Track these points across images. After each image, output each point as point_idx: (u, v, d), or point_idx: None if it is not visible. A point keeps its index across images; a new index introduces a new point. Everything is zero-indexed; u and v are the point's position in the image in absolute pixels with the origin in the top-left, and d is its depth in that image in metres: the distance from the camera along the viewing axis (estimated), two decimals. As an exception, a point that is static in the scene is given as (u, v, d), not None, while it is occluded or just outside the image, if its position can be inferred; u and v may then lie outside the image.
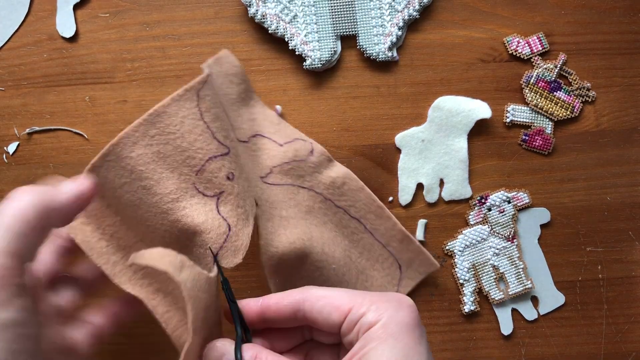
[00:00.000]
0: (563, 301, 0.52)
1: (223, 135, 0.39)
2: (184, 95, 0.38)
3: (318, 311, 0.36)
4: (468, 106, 0.50)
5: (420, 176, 0.51)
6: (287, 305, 0.36)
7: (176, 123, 0.37)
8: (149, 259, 0.33)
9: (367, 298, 0.35)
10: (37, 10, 0.51)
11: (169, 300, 0.38)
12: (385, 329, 0.33)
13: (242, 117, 0.46)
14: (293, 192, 0.46)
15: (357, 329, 0.34)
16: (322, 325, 0.36)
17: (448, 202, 0.51)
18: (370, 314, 0.34)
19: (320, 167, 0.48)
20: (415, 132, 0.51)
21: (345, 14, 0.51)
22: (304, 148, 0.47)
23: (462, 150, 0.51)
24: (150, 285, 0.38)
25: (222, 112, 0.41)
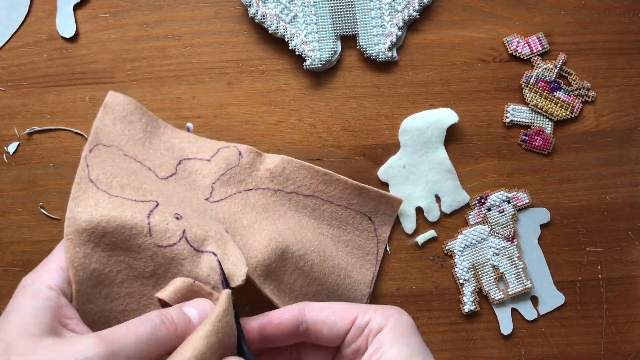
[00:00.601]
0: (563, 301, 0.52)
1: (141, 195, 0.38)
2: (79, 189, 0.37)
3: (323, 321, 0.37)
4: (433, 118, 0.50)
5: (415, 200, 0.51)
6: (288, 319, 0.37)
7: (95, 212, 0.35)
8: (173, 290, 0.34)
9: (369, 307, 0.37)
10: (37, 10, 0.51)
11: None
12: (395, 330, 0.36)
13: (159, 150, 0.45)
14: (243, 198, 0.46)
15: (366, 334, 0.36)
16: (325, 337, 0.37)
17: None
18: (378, 319, 0.36)
19: (255, 164, 0.47)
20: (394, 162, 0.51)
21: (345, 14, 0.51)
22: (231, 154, 0.47)
23: (444, 161, 0.51)
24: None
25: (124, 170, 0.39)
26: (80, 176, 0.37)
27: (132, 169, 0.40)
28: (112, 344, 0.29)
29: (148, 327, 0.31)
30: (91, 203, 0.36)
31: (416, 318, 0.51)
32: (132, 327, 0.31)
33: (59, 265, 0.34)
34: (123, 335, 0.30)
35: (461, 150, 0.52)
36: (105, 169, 0.38)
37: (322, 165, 0.51)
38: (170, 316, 0.33)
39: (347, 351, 0.37)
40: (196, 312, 0.34)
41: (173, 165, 0.45)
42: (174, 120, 0.51)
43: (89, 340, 0.29)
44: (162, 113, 0.51)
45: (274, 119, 0.51)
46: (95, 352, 0.28)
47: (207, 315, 0.34)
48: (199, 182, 0.45)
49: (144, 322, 0.31)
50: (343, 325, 0.37)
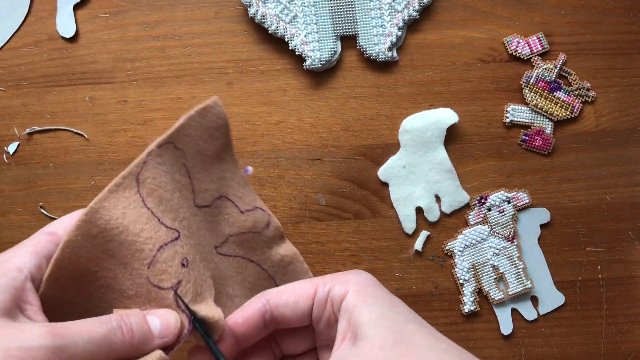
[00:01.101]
0: (563, 301, 0.52)
1: (171, 218, 0.36)
2: (121, 183, 0.35)
3: (284, 304, 0.35)
4: (433, 118, 0.50)
5: (415, 200, 0.51)
6: (252, 314, 0.35)
7: (117, 216, 0.34)
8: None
9: (326, 278, 0.35)
10: (37, 10, 0.51)
11: None
12: (359, 293, 0.33)
13: (212, 175, 0.43)
14: (242, 265, 0.45)
15: (330, 304, 0.34)
16: (291, 318, 0.35)
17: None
18: (337, 287, 0.34)
19: (272, 243, 0.46)
20: (394, 162, 0.51)
21: (345, 14, 0.51)
22: (262, 219, 0.45)
23: (444, 161, 0.51)
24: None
25: (173, 182, 0.38)
26: (131, 170, 0.36)
27: (179, 186, 0.39)
28: (62, 338, 0.28)
29: (103, 329, 0.30)
30: (120, 205, 0.35)
31: (416, 318, 0.51)
32: (86, 325, 0.30)
33: (34, 250, 0.33)
34: (75, 332, 0.29)
35: (461, 150, 0.52)
36: (158, 174, 0.37)
37: (322, 165, 0.51)
38: (130, 323, 0.32)
39: (320, 327, 0.35)
40: (159, 322, 0.33)
41: (212, 197, 0.43)
42: (174, 120, 0.51)
43: (38, 330, 0.28)
44: (162, 113, 0.51)
45: (274, 119, 0.51)
46: (41, 343, 0.27)
47: (169, 329, 0.33)
48: (220, 227, 0.44)
49: (101, 324, 0.30)
50: (304, 303, 0.35)
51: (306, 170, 0.51)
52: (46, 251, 0.33)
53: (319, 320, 0.35)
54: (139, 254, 0.35)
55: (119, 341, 0.30)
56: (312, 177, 0.51)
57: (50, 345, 0.27)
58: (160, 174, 0.37)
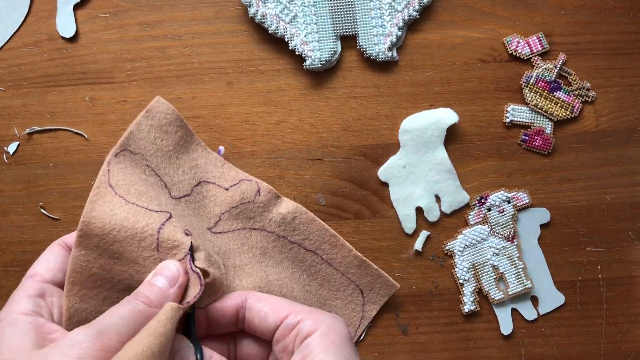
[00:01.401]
0: (563, 301, 0.52)
1: (156, 204, 0.38)
2: (98, 193, 0.37)
3: (257, 311, 0.37)
4: (433, 118, 0.50)
5: (415, 200, 0.51)
6: (229, 304, 0.37)
7: (109, 219, 0.36)
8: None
9: (304, 308, 0.36)
10: (37, 10, 0.51)
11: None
12: (325, 337, 0.34)
13: (182, 167, 0.44)
14: (245, 236, 0.45)
15: (294, 335, 0.35)
16: (256, 326, 0.37)
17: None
18: (308, 322, 0.35)
19: (269, 205, 0.47)
20: (394, 162, 0.51)
21: (345, 14, 0.51)
22: (250, 189, 0.46)
23: (444, 161, 0.51)
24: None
25: (143, 180, 0.40)
26: (100, 180, 0.38)
27: (149, 182, 0.41)
28: (97, 326, 0.31)
29: (128, 306, 0.33)
30: (107, 209, 0.36)
31: (416, 318, 0.51)
32: (113, 310, 0.33)
33: (26, 294, 0.35)
34: (106, 317, 0.32)
35: (461, 150, 0.52)
36: (125, 176, 0.39)
37: (322, 165, 0.51)
38: (142, 293, 0.34)
39: (277, 349, 0.36)
40: (164, 279, 0.35)
41: (190, 186, 0.44)
42: (174, 120, 0.51)
43: (76, 330, 0.31)
44: (162, 113, 0.51)
45: (274, 119, 0.51)
46: (85, 335, 0.30)
47: (172, 275, 0.35)
48: (208, 209, 0.45)
49: (122, 304, 0.33)
50: (272, 320, 0.36)
51: (306, 170, 0.51)
52: (37, 291, 0.35)
53: (277, 342, 0.36)
54: (144, 242, 0.36)
55: (143, 308, 0.33)
56: (312, 177, 0.51)
57: (94, 332, 0.30)
58: (127, 176, 0.39)
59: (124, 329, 0.32)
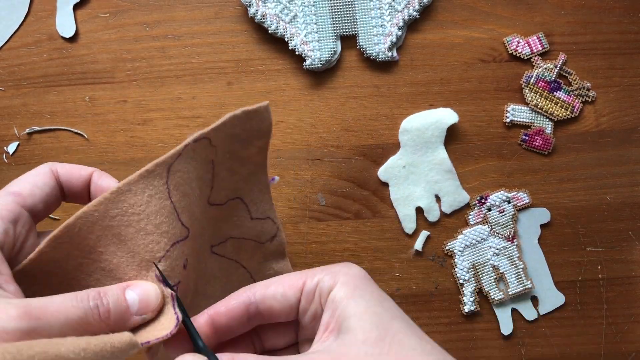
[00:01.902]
0: (563, 301, 0.52)
1: (187, 215, 0.36)
2: (153, 171, 0.34)
3: (271, 296, 0.34)
4: (433, 118, 0.50)
5: (415, 201, 0.51)
6: (236, 304, 0.34)
7: (141, 203, 0.33)
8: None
9: (316, 269, 0.34)
10: (37, 10, 0.51)
11: None
12: (347, 285, 0.32)
13: (235, 176, 0.41)
14: (232, 268, 0.43)
15: (318, 296, 0.33)
16: (278, 311, 0.34)
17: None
18: (326, 278, 0.33)
19: (270, 257, 0.44)
20: (394, 162, 0.51)
21: (345, 14, 0.51)
22: (269, 231, 0.43)
23: (444, 161, 0.51)
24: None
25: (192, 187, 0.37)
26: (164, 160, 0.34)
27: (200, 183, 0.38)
28: (37, 320, 0.27)
29: (80, 310, 0.29)
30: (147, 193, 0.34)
31: (416, 318, 0.51)
32: (63, 306, 0.29)
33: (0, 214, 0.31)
34: (51, 313, 0.28)
35: (461, 150, 0.52)
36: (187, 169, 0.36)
37: (322, 165, 0.51)
38: (107, 302, 0.30)
39: (305, 320, 0.34)
40: (137, 297, 0.32)
41: (227, 197, 0.41)
42: (174, 120, 0.51)
43: (13, 311, 0.27)
44: (162, 113, 0.51)
45: (274, 119, 0.51)
46: (16, 326, 0.26)
47: (147, 302, 0.32)
48: (226, 226, 0.42)
49: (77, 303, 0.29)
50: (292, 294, 0.33)
51: (306, 170, 0.51)
52: (12, 215, 0.32)
53: (305, 313, 0.34)
54: (154, 245, 0.34)
55: (95, 322, 0.30)
56: (312, 177, 0.51)
57: (26, 327, 0.27)
58: (189, 169, 0.36)
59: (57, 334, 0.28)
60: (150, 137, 0.51)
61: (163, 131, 0.51)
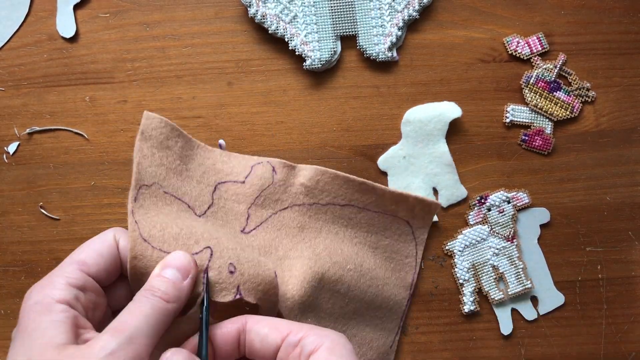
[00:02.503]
0: (563, 301, 0.52)
1: (194, 242, 0.37)
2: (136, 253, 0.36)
3: (256, 332, 0.36)
4: (437, 110, 0.50)
5: (413, 192, 0.51)
6: (230, 329, 0.36)
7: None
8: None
9: (304, 325, 0.36)
10: (37, 10, 0.51)
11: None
12: (331, 352, 0.33)
13: (194, 177, 0.42)
14: (278, 220, 0.44)
15: (298, 353, 0.34)
16: (257, 348, 0.35)
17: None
18: (312, 338, 0.34)
19: (289, 179, 0.45)
20: (394, 152, 0.51)
21: (345, 14, 0.51)
22: (265, 171, 0.44)
23: (444, 154, 0.51)
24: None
25: (169, 216, 0.38)
26: (134, 237, 0.36)
27: (174, 212, 0.39)
28: (127, 330, 0.31)
29: (147, 305, 0.33)
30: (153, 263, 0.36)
31: (416, 318, 0.51)
32: (134, 311, 0.32)
33: (67, 281, 0.34)
34: (131, 320, 0.31)
35: (461, 150, 0.52)
36: (153, 222, 0.37)
37: (322, 165, 0.51)
38: (157, 288, 0.34)
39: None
40: (175, 270, 0.35)
41: (209, 194, 0.42)
42: (174, 120, 0.51)
43: (104, 336, 0.30)
44: (162, 113, 0.51)
45: (274, 119, 0.51)
46: (116, 344, 0.30)
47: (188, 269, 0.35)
48: (235, 210, 0.42)
49: (140, 302, 0.33)
50: (274, 339, 0.35)
51: (306, 170, 0.51)
52: (80, 283, 0.34)
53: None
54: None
55: (164, 306, 0.33)
56: (312, 177, 0.51)
57: (124, 340, 0.30)
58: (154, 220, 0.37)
59: (150, 331, 0.31)
60: (150, 137, 0.51)
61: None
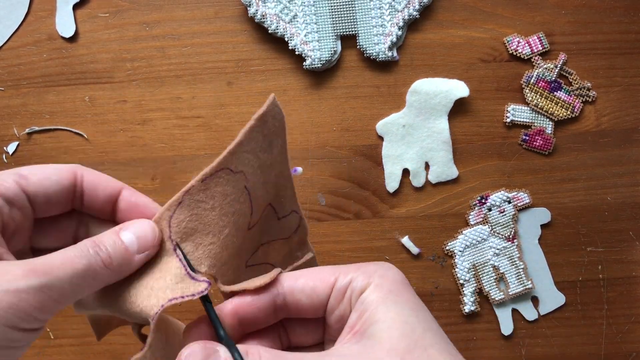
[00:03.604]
0: (563, 301, 0.51)
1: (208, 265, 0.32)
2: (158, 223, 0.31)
3: (300, 289, 0.32)
4: (445, 87, 0.50)
5: (405, 162, 0.51)
6: (263, 295, 0.32)
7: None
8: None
9: (351, 266, 0.32)
10: (37, 10, 0.51)
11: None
12: (381, 288, 0.30)
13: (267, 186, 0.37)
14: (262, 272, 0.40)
15: (348, 296, 0.31)
16: (305, 306, 0.32)
17: (448, 202, 0.51)
18: (360, 278, 0.31)
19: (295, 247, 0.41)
20: (395, 119, 0.51)
21: (345, 14, 0.51)
22: (294, 223, 0.40)
23: (444, 131, 0.51)
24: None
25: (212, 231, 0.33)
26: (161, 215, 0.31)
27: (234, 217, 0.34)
28: (47, 275, 0.26)
29: (84, 260, 0.28)
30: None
31: (416, 318, 0.51)
32: (67, 258, 0.28)
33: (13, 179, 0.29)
34: (57, 267, 0.27)
35: (461, 150, 0.52)
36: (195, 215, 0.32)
37: (322, 165, 0.51)
38: (105, 247, 0.29)
39: (332, 320, 0.32)
40: (134, 237, 0.30)
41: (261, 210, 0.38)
42: (174, 120, 0.51)
43: (17, 269, 0.26)
44: (162, 113, 0.51)
45: (274, 119, 0.51)
46: (28, 284, 0.25)
47: (145, 238, 0.30)
48: (256, 238, 0.39)
49: (79, 254, 0.28)
50: (322, 290, 0.31)
51: (306, 170, 0.51)
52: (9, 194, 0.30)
53: (332, 312, 0.32)
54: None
55: (101, 269, 0.29)
56: (312, 177, 0.51)
57: (38, 284, 0.26)
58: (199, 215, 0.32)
59: (69, 289, 0.27)
60: (150, 137, 0.51)
61: (163, 131, 0.51)
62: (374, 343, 0.28)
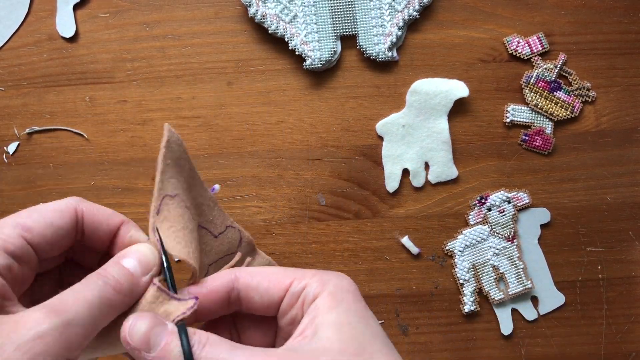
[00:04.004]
0: (563, 301, 0.51)
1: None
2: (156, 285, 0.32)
3: (254, 288, 0.33)
4: (445, 87, 0.50)
5: (405, 162, 0.51)
6: (218, 286, 0.33)
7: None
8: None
9: (307, 272, 0.33)
10: (37, 10, 0.51)
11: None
12: (334, 296, 0.31)
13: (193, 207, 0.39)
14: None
15: (301, 301, 0.32)
16: (257, 305, 0.33)
17: (448, 202, 0.51)
18: (315, 285, 0.32)
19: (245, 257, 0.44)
20: (395, 119, 0.51)
21: (345, 14, 0.51)
22: (235, 238, 0.41)
23: (443, 131, 0.51)
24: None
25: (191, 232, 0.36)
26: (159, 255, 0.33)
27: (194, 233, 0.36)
28: (65, 313, 0.27)
29: (95, 292, 0.28)
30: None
31: (416, 318, 0.51)
32: (78, 293, 0.28)
33: (3, 247, 0.29)
34: (72, 303, 0.27)
35: (461, 150, 0.52)
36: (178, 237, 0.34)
37: (322, 165, 0.51)
38: (111, 275, 0.30)
39: (283, 322, 0.33)
40: (135, 261, 0.31)
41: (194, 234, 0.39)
42: (174, 120, 0.51)
43: (37, 314, 0.26)
44: (162, 113, 0.51)
45: (274, 119, 0.51)
46: (50, 325, 0.26)
47: (147, 261, 0.31)
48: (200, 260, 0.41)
49: (89, 287, 0.29)
50: (276, 292, 0.32)
51: (306, 170, 0.51)
52: (18, 252, 0.30)
53: (284, 315, 0.33)
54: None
55: (114, 296, 0.29)
56: (312, 177, 0.51)
57: (60, 323, 0.26)
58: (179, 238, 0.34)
59: (89, 321, 0.27)
60: (150, 137, 0.51)
61: (163, 131, 0.51)
62: (324, 344, 0.29)
